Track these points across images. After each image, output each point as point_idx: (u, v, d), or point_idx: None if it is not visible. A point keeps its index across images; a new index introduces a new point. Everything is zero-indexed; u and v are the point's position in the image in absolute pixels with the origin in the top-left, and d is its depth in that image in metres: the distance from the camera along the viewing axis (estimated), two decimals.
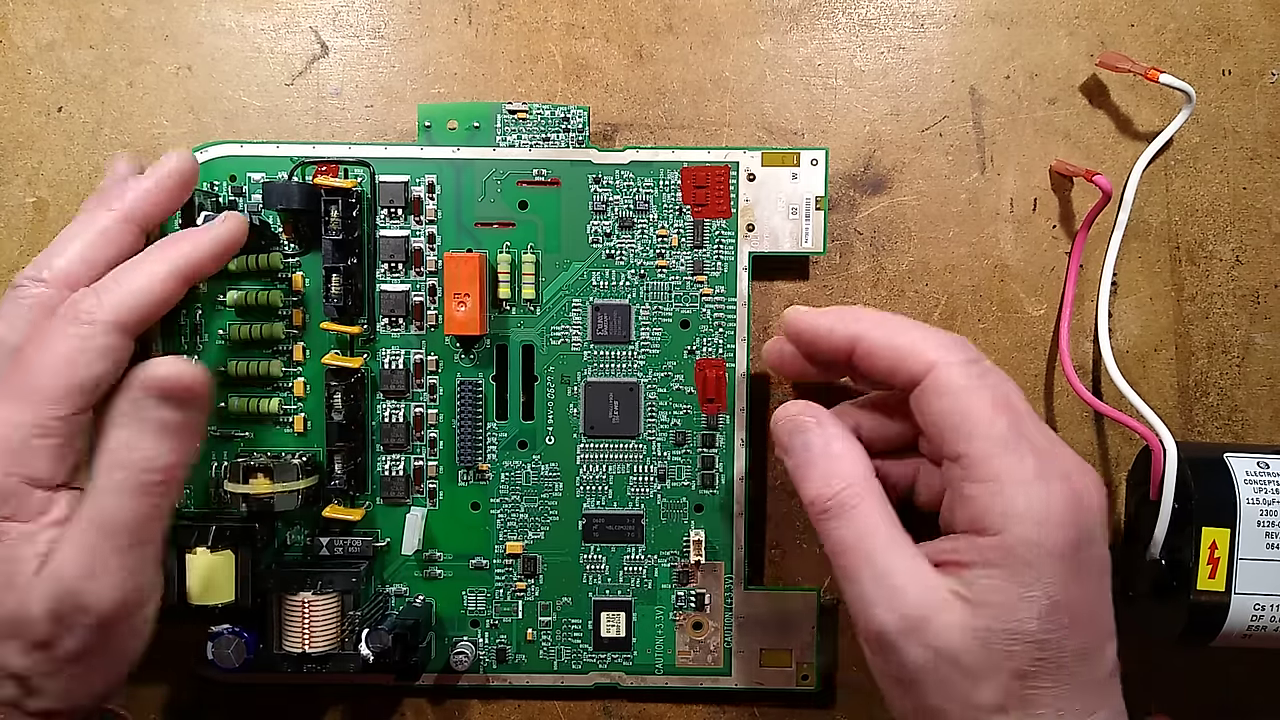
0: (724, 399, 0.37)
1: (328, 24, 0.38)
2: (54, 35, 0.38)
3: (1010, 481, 0.28)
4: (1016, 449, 0.28)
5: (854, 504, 0.30)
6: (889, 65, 0.39)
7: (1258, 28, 0.39)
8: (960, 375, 0.29)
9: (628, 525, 0.38)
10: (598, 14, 0.38)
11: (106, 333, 0.30)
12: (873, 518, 0.30)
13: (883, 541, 0.29)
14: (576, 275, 0.37)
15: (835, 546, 0.30)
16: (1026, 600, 0.27)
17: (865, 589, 0.29)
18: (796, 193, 0.37)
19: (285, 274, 0.37)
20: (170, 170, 0.33)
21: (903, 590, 0.28)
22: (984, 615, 0.27)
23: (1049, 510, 0.27)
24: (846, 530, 0.30)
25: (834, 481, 0.30)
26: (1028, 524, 0.27)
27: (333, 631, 0.35)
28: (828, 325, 0.32)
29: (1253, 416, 0.39)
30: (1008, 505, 0.27)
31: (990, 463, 0.28)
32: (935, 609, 0.28)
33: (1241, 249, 0.39)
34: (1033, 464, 0.28)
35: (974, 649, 0.27)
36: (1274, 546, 0.34)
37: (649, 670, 0.38)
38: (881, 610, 0.28)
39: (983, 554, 0.28)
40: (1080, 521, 0.28)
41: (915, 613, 0.28)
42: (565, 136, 0.37)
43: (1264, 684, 0.40)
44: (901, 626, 0.28)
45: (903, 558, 0.29)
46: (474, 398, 0.37)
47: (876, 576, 0.29)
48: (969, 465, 0.28)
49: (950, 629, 0.27)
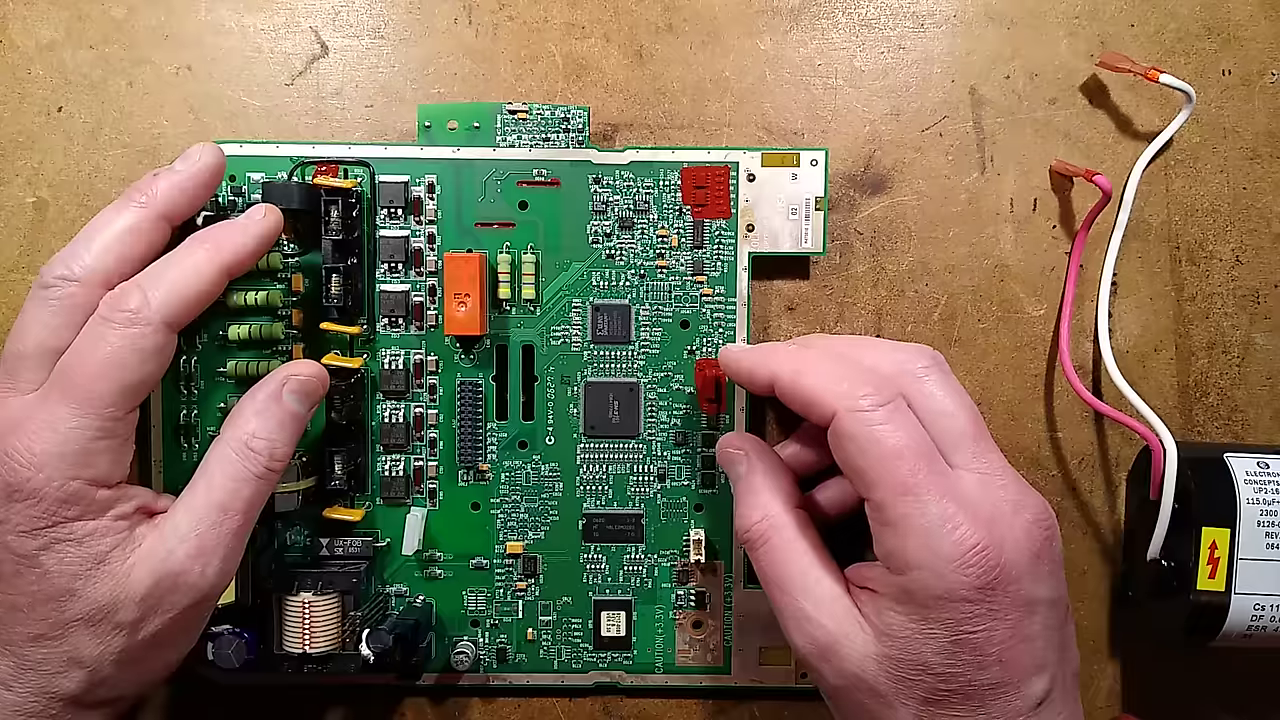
0: (724, 399, 0.37)
1: (328, 24, 0.38)
2: (54, 35, 0.38)
3: (909, 530, 0.28)
4: (917, 497, 0.28)
5: (769, 536, 0.31)
6: (889, 65, 0.39)
7: (1258, 28, 0.39)
8: (859, 424, 0.29)
9: (628, 525, 0.38)
10: (598, 14, 0.38)
11: (157, 331, 0.30)
12: (786, 549, 0.31)
13: (796, 571, 0.31)
14: (576, 275, 0.37)
15: (759, 574, 0.32)
16: (927, 636, 0.28)
17: (783, 616, 0.31)
18: (796, 193, 0.37)
19: (285, 274, 0.36)
20: (203, 164, 0.33)
21: (813, 618, 0.30)
22: (889, 645, 0.28)
23: (947, 559, 0.27)
24: (764, 560, 0.31)
25: (753, 514, 0.32)
26: (925, 572, 0.28)
27: (333, 632, 0.35)
28: (748, 367, 0.33)
29: (1253, 416, 0.39)
30: (907, 553, 0.28)
31: (891, 509, 0.28)
32: (843, 637, 0.29)
33: (1241, 249, 0.39)
34: (936, 511, 0.28)
35: (881, 675, 0.28)
36: (1274, 546, 0.34)
37: (649, 669, 0.38)
38: (797, 636, 0.30)
39: (890, 589, 0.29)
40: (989, 564, 0.27)
41: (824, 640, 0.29)
42: (565, 136, 0.37)
43: (1264, 684, 0.40)
44: (813, 651, 0.30)
45: (815, 586, 0.30)
46: (474, 398, 0.37)
47: (791, 604, 0.30)
48: (874, 509, 0.29)
49: (858, 656, 0.29)
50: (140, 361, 0.30)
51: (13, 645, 0.30)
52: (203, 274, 0.31)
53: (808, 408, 0.30)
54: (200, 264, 0.31)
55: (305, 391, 0.33)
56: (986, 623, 0.28)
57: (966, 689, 0.28)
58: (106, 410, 0.30)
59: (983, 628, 0.28)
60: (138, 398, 0.31)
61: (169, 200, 0.32)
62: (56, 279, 0.31)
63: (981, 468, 0.29)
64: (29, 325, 0.31)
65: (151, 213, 0.32)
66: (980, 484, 0.29)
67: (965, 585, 0.27)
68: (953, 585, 0.27)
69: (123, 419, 0.30)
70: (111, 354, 0.30)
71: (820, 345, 0.33)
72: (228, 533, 0.31)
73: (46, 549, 0.29)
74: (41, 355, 0.30)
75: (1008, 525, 0.28)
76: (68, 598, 0.30)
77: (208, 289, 0.32)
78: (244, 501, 0.31)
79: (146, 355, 0.30)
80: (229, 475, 0.31)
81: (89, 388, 0.30)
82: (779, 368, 0.31)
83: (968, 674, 0.28)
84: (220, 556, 0.31)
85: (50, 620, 0.30)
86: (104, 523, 0.30)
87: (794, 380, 0.30)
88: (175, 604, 0.30)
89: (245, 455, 0.31)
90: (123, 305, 0.30)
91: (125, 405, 0.30)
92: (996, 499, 0.29)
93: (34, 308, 0.31)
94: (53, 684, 0.30)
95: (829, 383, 0.29)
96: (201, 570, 0.30)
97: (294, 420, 0.32)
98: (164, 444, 0.36)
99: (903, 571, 0.28)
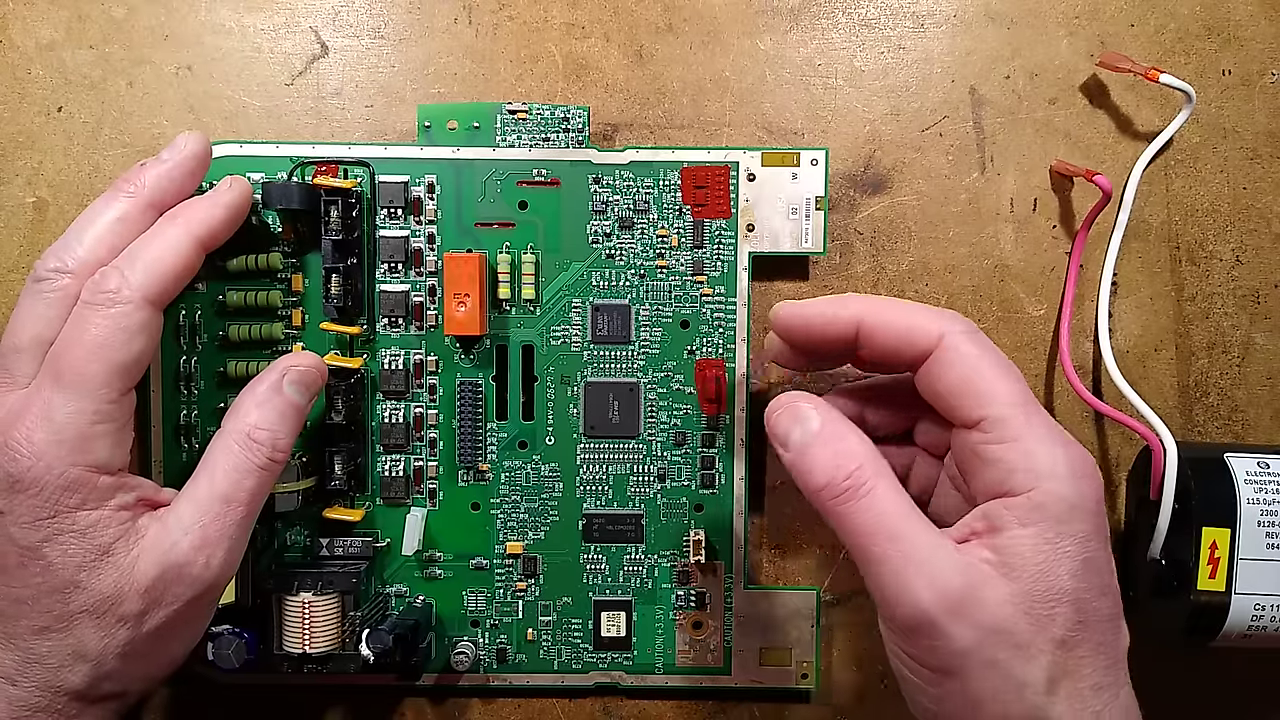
0: (724, 399, 0.37)
1: (328, 24, 0.38)
2: (54, 35, 0.38)
3: (1035, 439, 0.28)
4: (1035, 410, 0.28)
5: (871, 484, 0.28)
6: (889, 65, 0.39)
7: (1258, 28, 0.39)
8: (969, 343, 0.29)
9: (628, 525, 0.38)
10: (598, 14, 0.38)
11: (139, 308, 0.30)
12: (891, 496, 0.28)
13: (908, 520, 0.28)
14: (576, 275, 0.37)
15: (855, 530, 0.28)
16: (1062, 556, 0.27)
17: (897, 570, 0.27)
18: (796, 193, 0.37)
19: (285, 274, 0.36)
20: (189, 152, 0.33)
21: (941, 566, 0.27)
22: (1023, 579, 0.27)
23: (1073, 464, 0.27)
24: (866, 513, 0.28)
25: (845, 463, 0.29)
26: (1058, 478, 0.27)
27: (333, 632, 0.35)
28: (827, 313, 0.31)
29: (1253, 416, 0.39)
30: (1036, 462, 0.27)
31: (1012, 423, 0.28)
32: (978, 583, 0.27)
33: (1241, 249, 0.39)
34: (1049, 424, 0.28)
35: (1020, 619, 0.26)
36: (1274, 546, 0.34)
37: (649, 670, 0.38)
38: (923, 590, 0.26)
39: (1016, 513, 0.27)
40: (1099, 479, 0.28)
41: (959, 589, 0.26)
42: (565, 136, 0.37)
43: (1264, 684, 0.40)
44: (945, 606, 0.26)
45: (931, 535, 0.27)
46: (474, 398, 0.37)
47: (907, 556, 0.27)
48: (990, 428, 0.28)
49: (995, 603, 0.26)
50: (126, 340, 0.30)
51: (17, 639, 0.30)
52: (176, 248, 0.32)
53: (907, 336, 0.29)
54: (172, 239, 0.32)
55: (305, 382, 0.33)
56: (1100, 540, 0.28)
57: (1092, 621, 0.27)
58: (100, 392, 0.30)
59: (1100, 546, 0.27)
60: (130, 378, 0.31)
61: (157, 189, 0.33)
62: (50, 272, 0.31)
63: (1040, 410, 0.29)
64: (24, 318, 0.31)
65: (140, 202, 0.32)
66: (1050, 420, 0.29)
67: (1093, 493, 0.27)
68: (1085, 491, 0.27)
69: (118, 402, 0.30)
70: (97, 335, 0.30)
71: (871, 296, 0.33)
72: (231, 524, 0.31)
73: (49, 541, 0.30)
74: (37, 347, 0.31)
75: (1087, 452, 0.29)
76: (72, 590, 0.30)
77: (184, 263, 0.32)
78: (247, 493, 0.31)
79: (132, 333, 0.30)
80: (232, 467, 0.31)
81: (80, 371, 0.30)
82: (863, 308, 0.30)
83: (1094, 601, 0.27)
84: (224, 548, 0.31)
85: (55, 613, 0.30)
86: (106, 513, 0.30)
87: (889, 315, 0.30)
88: (179, 596, 0.30)
89: (248, 446, 0.31)
90: (103, 287, 0.30)
91: (119, 386, 0.30)
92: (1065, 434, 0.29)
93: (29, 301, 0.31)
94: (58, 678, 0.30)
95: (925, 313, 0.30)
96: (205, 562, 0.30)
97: (295, 411, 0.33)
98: (164, 444, 0.36)
99: (1032, 485, 0.27)
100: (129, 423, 0.31)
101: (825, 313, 0.31)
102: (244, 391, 0.33)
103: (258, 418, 0.32)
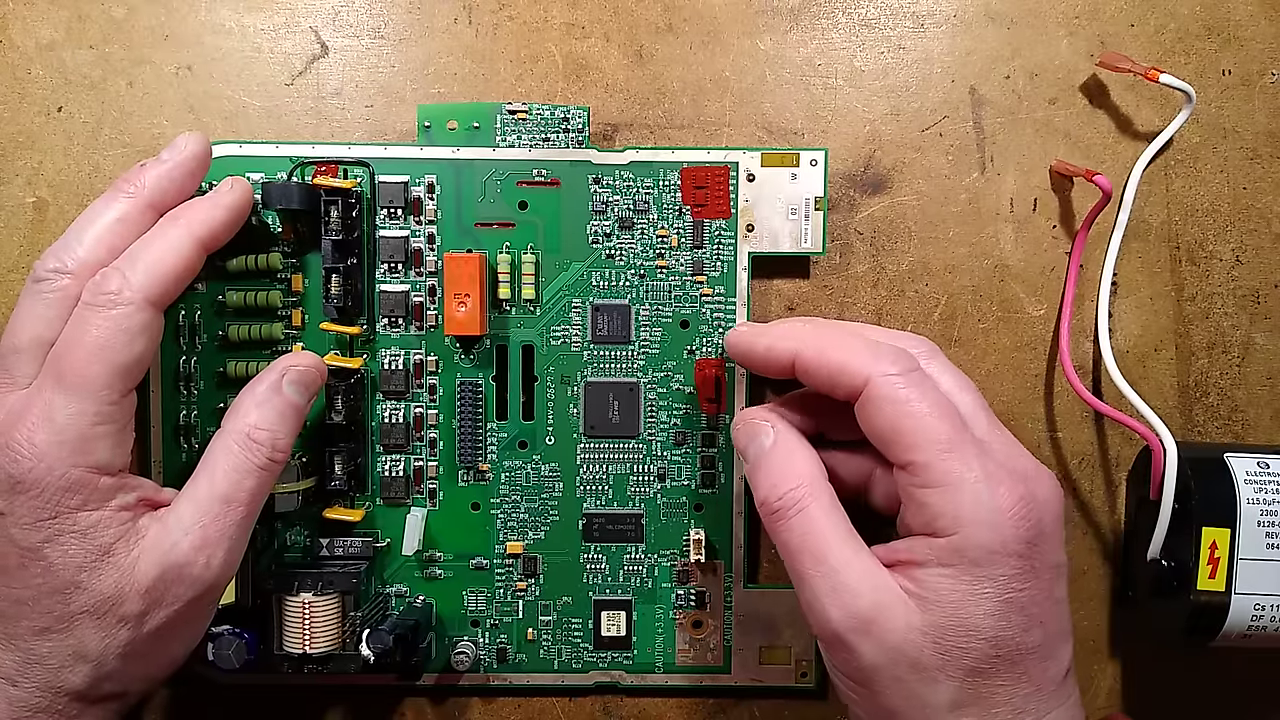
0: (724, 399, 0.37)
1: (328, 24, 0.38)
2: (54, 35, 0.38)
3: (958, 485, 0.28)
4: (961, 453, 0.28)
5: (803, 504, 0.30)
6: (889, 65, 0.39)
7: (1258, 28, 0.39)
8: (895, 388, 0.29)
9: (628, 525, 0.38)
10: (598, 14, 0.38)
11: (140, 310, 0.30)
12: (822, 518, 0.30)
13: (833, 540, 0.29)
14: (576, 275, 0.37)
15: (786, 546, 0.30)
16: (978, 597, 0.27)
17: (816, 588, 0.29)
18: (796, 193, 0.37)
19: (285, 274, 0.36)
20: (189, 153, 0.33)
21: (854, 589, 0.28)
22: (936, 612, 0.28)
23: (999, 510, 0.28)
24: (796, 530, 0.30)
25: (784, 482, 0.30)
26: (979, 525, 0.28)
27: (333, 632, 0.35)
28: (765, 345, 0.32)
29: (1253, 416, 0.39)
30: (959, 509, 0.28)
31: (936, 469, 0.28)
32: (887, 607, 0.28)
33: (1241, 249, 0.39)
34: (979, 466, 0.28)
35: (927, 647, 0.28)
36: (1274, 546, 0.34)
37: (649, 669, 0.38)
38: (833, 609, 0.28)
39: (935, 554, 0.28)
40: (1034, 518, 0.28)
41: (867, 611, 0.28)
42: (565, 137, 0.37)
43: (1264, 684, 0.40)
44: (853, 625, 0.28)
45: (853, 557, 0.29)
46: (474, 398, 0.37)
47: (827, 575, 0.29)
48: (917, 471, 0.29)
49: (902, 628, 0.28)
50: (127, 342, 0.30)
51: (18, 639, 0.30)
52: (178, 249, 0.32)
53: (836, 377, 0.30)
54: (174, 240, 0.32)
55: (304, 382, 0.33)
56: (1030, 581, 0.28)
57: (1013, 654, 0.28)
58: (101, 394, 0.30)
59: (1027, 586, 0.28)
60: (131, 380, 0.31)
61: (157, 190, 0.33)
62: (49, 272, 0.31)
63: (999, 437, 0.30)
64: (24, 319, 0.31)
65: (140, 203, 0.32)
66: (1004, 449, 0.29)
67: (1017, 538, 0.27)
68: (1006, 537, 0.27)
69: (119, 403, 0.31)
70: (98, 337, 0.30)
71: (828, 324, 0.33)
72: (231, 524, 0.31)
73: (50, 541, 0.30)
74: (37, 348, 0.31)
75: (1037, 484, 0.29)
76: (73, 590, 0.30)
77: (185, 264, 0.32)
78: (247, 493, 0.31)
79: (133, 335, 0.30)
80: (232, 467, 0.31)
81: (81, 373, 0.30)
82: (801, 344, 0.31)
83: (1015, 637, 0.27)
84: (224, 548, 0.31)
85: (56, 613, 0.30)
86: (107, 514, 0.30)
87: (820, 354, 0.30)
88: (180, 596, 0.30)
89: (247, 446, 0.31)
90: (103, 289, 0.30)
91: (119, 388, 0.30)
92: (1021, 463, 0.29)
93: (28, 302, 0.31)
94: (58, 678, 0.30)
95: (856, 354, 0.30)
96: (206, 562, 0.30)
97: (294, 411, 0.33)
98: (164, 444, 0.37)
99: (953, 530, 0.28)
100: (130, 423, 0.31)
101: (760, 346, 0.32)
102: (243, 391, 0.33)
103: (257, 418, 0.32)
